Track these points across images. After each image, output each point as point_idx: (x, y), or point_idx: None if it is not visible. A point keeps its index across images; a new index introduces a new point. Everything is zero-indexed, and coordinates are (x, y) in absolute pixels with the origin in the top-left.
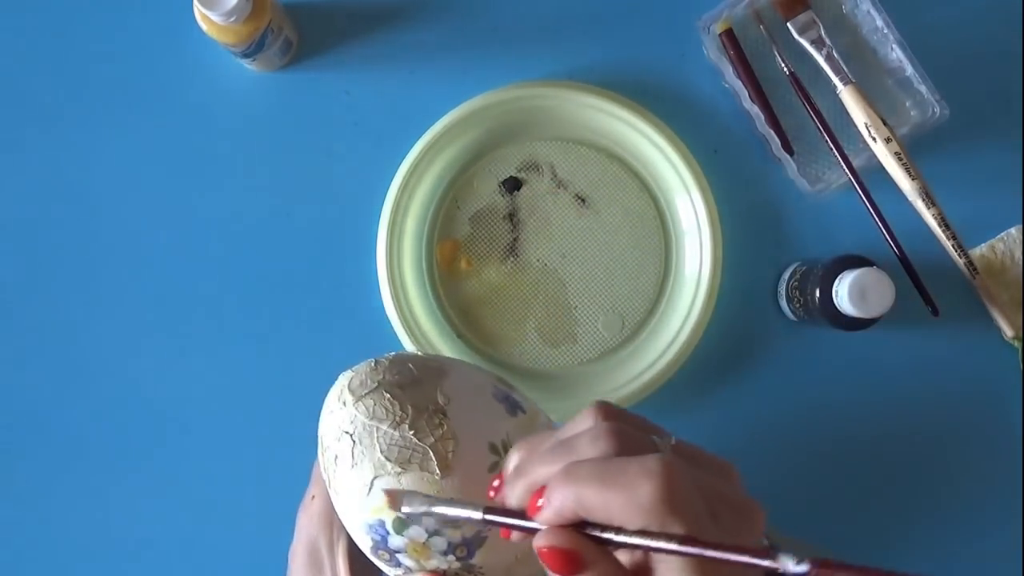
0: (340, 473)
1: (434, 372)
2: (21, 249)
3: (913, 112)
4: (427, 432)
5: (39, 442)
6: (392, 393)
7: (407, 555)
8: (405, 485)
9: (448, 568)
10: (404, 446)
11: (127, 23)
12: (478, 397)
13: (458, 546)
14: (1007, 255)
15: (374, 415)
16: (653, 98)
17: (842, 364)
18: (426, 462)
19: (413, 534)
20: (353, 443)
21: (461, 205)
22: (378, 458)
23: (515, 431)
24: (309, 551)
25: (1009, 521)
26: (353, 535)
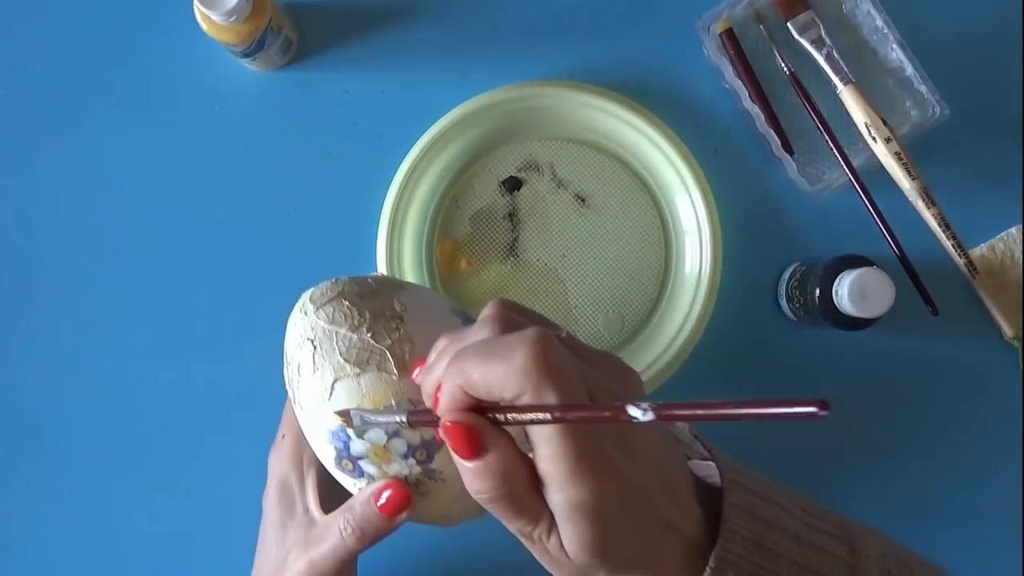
0: (303, 382)
1: (392, 285)
2: (21, 248)
3: (913, 112)
4: (384, 335)
5: (37, 440)
6: (351, 301)
7: (369, 461)
8: (364, 386)
9: (409, 473)
10: (362, 348)
11: (127, 23)
12: (434, 308)
13: (417, 448)
14: (1007, 255)
15: (333, 320)
16: (653, 98)
17: (842, 364)
18: (384, 363)
19: (373, 437)
20: (314, 349)
21: (461, 205)
22: (338, 361)
23: None
24: (281, 488)
25: (1009, 521)
26: (319, 450)
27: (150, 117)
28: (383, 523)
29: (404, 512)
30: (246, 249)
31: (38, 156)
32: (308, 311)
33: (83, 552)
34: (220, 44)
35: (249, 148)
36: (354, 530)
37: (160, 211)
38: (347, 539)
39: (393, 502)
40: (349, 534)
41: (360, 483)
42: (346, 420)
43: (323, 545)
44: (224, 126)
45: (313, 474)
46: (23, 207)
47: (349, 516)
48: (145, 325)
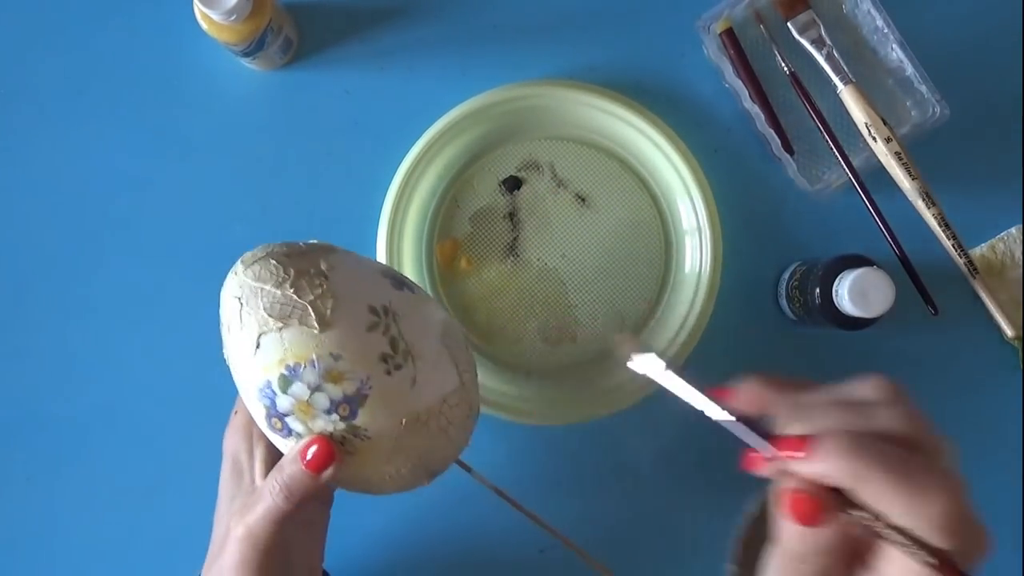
0: (232, 339)
1: (322, 248)
2: (21, 247)
3: (913, 112)
4: (307, 291)
5: (38, 439)
6: (278, 260)
7: (295, 417)
8: (286, 340)
9: (334, 430)
10: (285, 303)
11: (127, 22)
12: (362, 269)
13: (340, 404)
14: (1007, 255)
15: (259, 278)
16: (653, 97)
17: (842, 364)
18: (305, 317)
19: (296, 391)
20: (240, 306)
21: (461, 204)
22: (261, 315)
23: (400, 302)
24: (232, 462)
25: (1009, 522)
26: (252, 410)
27: (150, 116)
28: (310, 480)
29: (329, 468)
30: (246, 249)
31: (38, 155)
32: (238, 271)
33: (83, 551)
34: (220, 43)
35: (249, 147)
36: (282, 488)
37: (160, 210)
38: (276, 499)
39: (318, 457)
40: (277, 493)
41: (290, 443)
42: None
43: (257, 508)
44: (224, 125)
45: (262, 447)
46: (23, 206)
47: (277, 476)
48: (145, 324)
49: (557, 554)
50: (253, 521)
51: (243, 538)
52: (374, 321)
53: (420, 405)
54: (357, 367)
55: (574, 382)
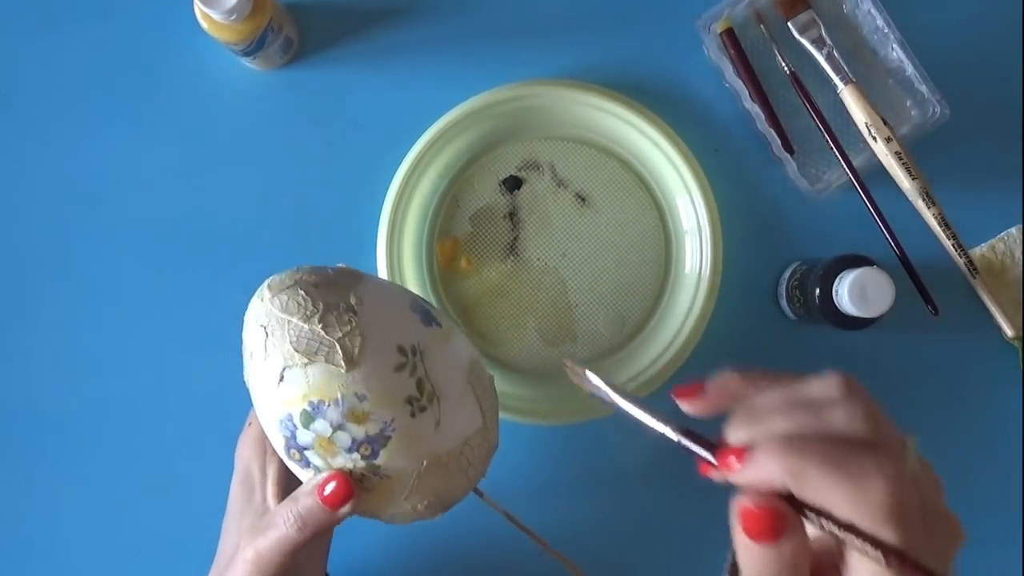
0: (255, 368)
1: (351, 277)
2: (20, 246)
3: (913, 112)
4: (335, 327)
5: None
6: (307, 291)
7: (315, 452)
8: (311, 376)
9: (354, 468)
10: (312, 338)
11: (127, 22)
12: (392, 303)
13: (362, 444)
14: (1007, 255)
15: (287, 309)
16: (653, 97)
17: (842, 364)
18: (332, 355)
19: (319, 428)
20: (266, 335)
21: (461, 204)
22: (287, 349)
23: (428, 340)
24: (243, 475)
25: (1009, 522)
26: (270, 437)
27: (150, 116)
28: (325, 515)
29: (347, 505)
30: (246, 248)
31: (38, 155)
32: (264, 297)
33: (84, 550)
34: (220, 43)
35: (249, 147)
36: (296, 520)
37: (159, 210)
38: (289, 529)
39: (336, 495)
40: (291, 524)
41: (308, 474)
42: (572, 371)
43: (269, 534)
44: (224, 125)
45: (276, 465)
46: (23, 206)
47: (292, 506)
48: (144, 323)
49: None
50: (264, 547)
51: (252, 561)
52: (401, 362)
53: (442, 448)
54: (382, 408)
55: (574, 382)
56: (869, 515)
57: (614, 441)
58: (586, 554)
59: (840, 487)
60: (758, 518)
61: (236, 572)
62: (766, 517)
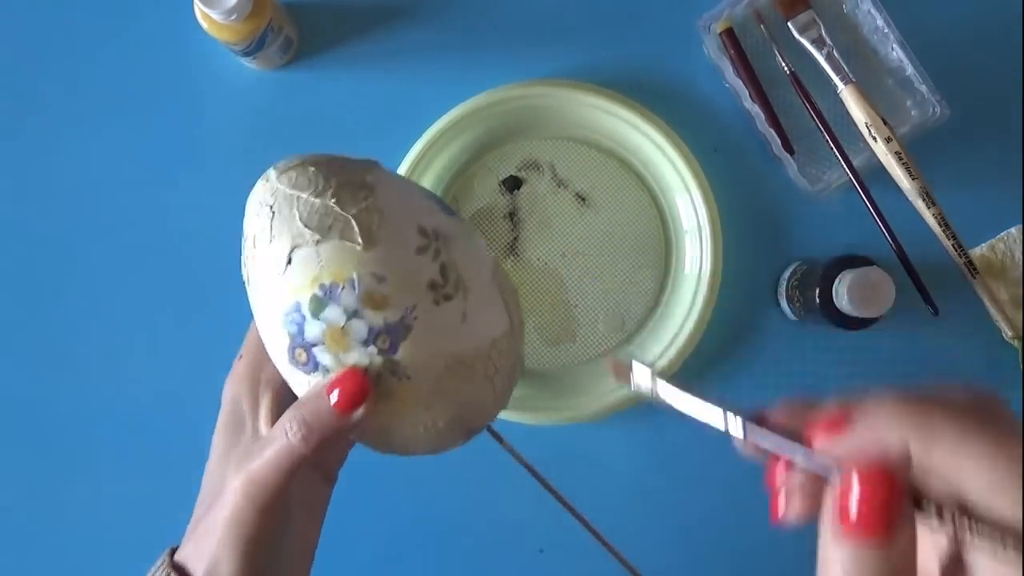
0: (258, 254)
1: (367, 162)
2: (20, 246)
3: (914, 112)
4: (351, 203)
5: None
6: (317, 167)
7: (324, 348)
8: (323, 255)
9: (370, 364)
10: (325, 213)
11: (127, 21)
12: (409, 188)
13: (380, 334)
14: (1007, 255)
15: (296, 184)
16: (653, 97)
17: (842, 364)
18: (347, 231)
19: (331, 316)
20: (272, 215)
21: (461, 204)
22: (297, 227)
23: (448, 227)
24: (231, 411)
25: None
26: (271, 338)
27: (150, 115)
28: (336, 421)
29: (361, 407)
30: None
31: (37, 155)
32: (270, 177)
33: (84, 550)
34: (220, 43)
35: (249, 147)
36: (300, 426)
37: (159, 209)
38: (292, 438)
39: (350, 392)
40: (295, 432)
41: (314, 379)
42: (617, 369)
43: (266, 451)
44: (224, 125)
45: (271, 395)
46: (23, 206)
47: (296, 412)
48: (144, 323)
49: (557, 554)
50: (257, 468)
51: (242, 487)
52: (424, 243)
53: (468, 345)
54: (403, 292)
55: (574, 382)
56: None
57: (618, 441)
58: (586, 552)
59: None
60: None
61: (224, 504)
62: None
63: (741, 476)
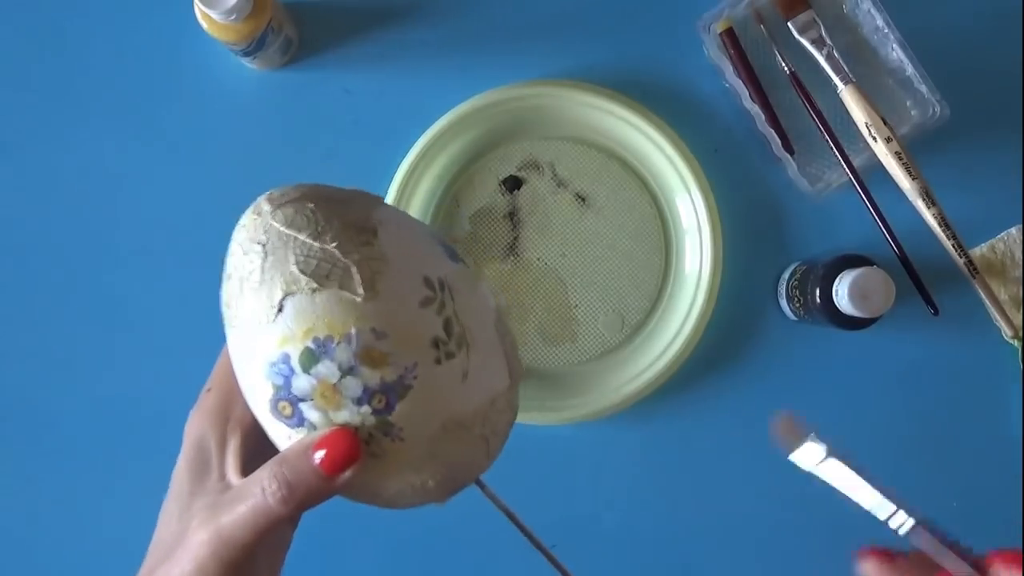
0: (245, 297)
1: (368, 197)
2: (20, 246)
3: (914, 112)
4: (353, 248)
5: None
6: (317, 204)
7: (313, 404)
8: (319, 305)
9: (361, 425)
10: (324, 259)
11: (127, 21)
12: (415, 230)
13: (376, 393)
14: (1007, 255)
15: (292, 224)
16: (653, 97)
17: (842, 364)
18: (347, 280)
19: (323, 371)
20: (264, 255)
21: (461, 204)
22: (292, 272)
23: (456, 277)
24: (196, 450)
25: (1009, 522)
26: (253, 388)
27: (150, 115)
28: (319, 483)
29: (349, 470)
30: None
31: (37, 155)
32: (263, 211)
33: (84, 549)
34: (220, 43)
35: (249, 147)
36: (280, 486)
37: (159, 210)
38: (270, 498)
39: (337, 455)
40: (274, 492)
41: (298, 434)
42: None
43: (239, 507)
44: (224, 125)
45: (239, 437)
46: (23, 206)
47: (277, 470)
48: (144, 324)
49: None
50: (228, 524)
51: (210, 542)
52: (429, 296)
53: (468, 406)
54: (404, 350)
55: (574, 382)
56: None
57: (618, 441)
58: (586, 553)
59: None
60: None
61: (185, 559)
62: None
63: (740, 476)
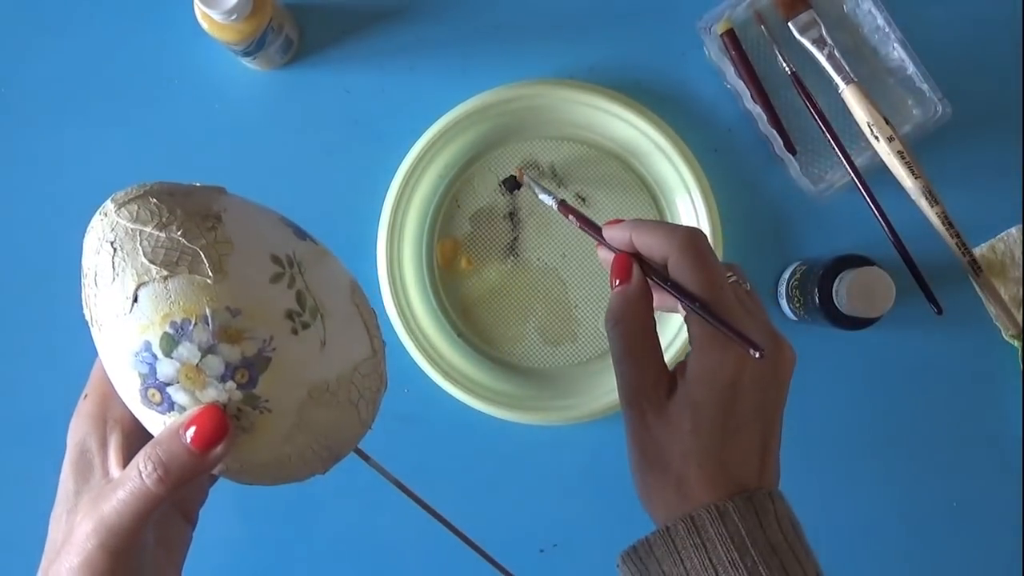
0: (101, 294)
1: (211, 189)
2: (20, 246)
3: (915, 111)
4: (198, 235)
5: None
6: (160, 199)
7: (180, 387)
8: (172, 291)
9: (229, 401)
10: (171, 247)
11: (127, 22)
12: (261, 216)
13: (238, 369)
14: (1007, 255)
15: (138, 218)
16: (654, 98)
17: (842, 364)
18: (196, 264)
19: (184, 353)
20: (114, 251)
21: (461, 204)
22: (142, 263)
23: (306, 253)
24: (78, 453)
25: (1009, 521)
26: (121, 380)
27: (150, 115)
28: (193, 460)
29: (219, 445)
30: None
31: (38, 155)
32: (108, 211)
33: None
34: (220, 43)
35: (249, 147)
36: (156, 467)
37: None
38: (147, 480)
39: (207, 431)
40: (149, 473)
41: (170, 419)
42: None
43: (118, 493)
44: (224, 125)
45: (119, 435)
46: (23, 206)
47: (152, 451)
48: None
49: (557, 554)
50: (110, 511)
51: (95, 532)
52: (278, 272)
53: (330, 372)
54: (259, 324)
55: (574, 382)
56: (674, 248)
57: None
58: (585, 553)
59: (657, 235)
60: (620, 260)
61: (72, 552)
62: (624, 257)
63: None
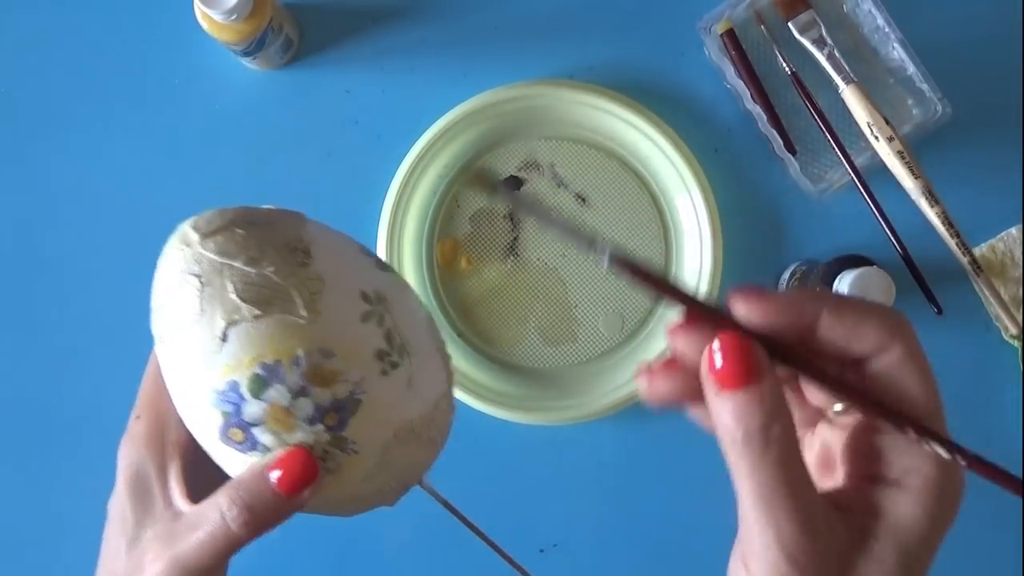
0: (184, 330)
1: (293, 217)
2: (20, 246)
3: (915, 111)
4: (289, 272)
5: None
6: (246, 230)
7: (265, 428)
8: (264, 331)
9: (316, 442)
10: (263, 285)
11: (127, 21)
12: (346, 247)
13: (328, 412)
14: (1007, 255)
15: (224, 251)
16: (654, 98)
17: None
18: (289, 304)
19: (274, 396)
20: (201, 286)
21: (461, 204)
22: (231, 300)
23: (386, 286)
24: (134, 478)
25: (1009, 521)
26: (199, 419)
27: (150, 116)
28: (280, 503)
29: (308, 489)
30: None
31: (38, 155)
32: (191, 241)
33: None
34: (220, 43)
35: (249, 147)
36: (241, 511)
37: (159, 210)
38: (231, 522)
39: (295, 474)
40: (235, 516)
41: (251, 458)
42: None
43: (196, 534)
44: (224, 125)
45: (179, 462)
46: (23, 206)
47: (234, 494)
48: (143, 323)
49: (557, 554)
50: (187, 550)
51: (166, 572)
52: (367, 310)
53: (414, 412)
54: (352, 366)
55: (574, 382)
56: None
57: (619, 441)
58: (586, 553)
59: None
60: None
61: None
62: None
63: None
